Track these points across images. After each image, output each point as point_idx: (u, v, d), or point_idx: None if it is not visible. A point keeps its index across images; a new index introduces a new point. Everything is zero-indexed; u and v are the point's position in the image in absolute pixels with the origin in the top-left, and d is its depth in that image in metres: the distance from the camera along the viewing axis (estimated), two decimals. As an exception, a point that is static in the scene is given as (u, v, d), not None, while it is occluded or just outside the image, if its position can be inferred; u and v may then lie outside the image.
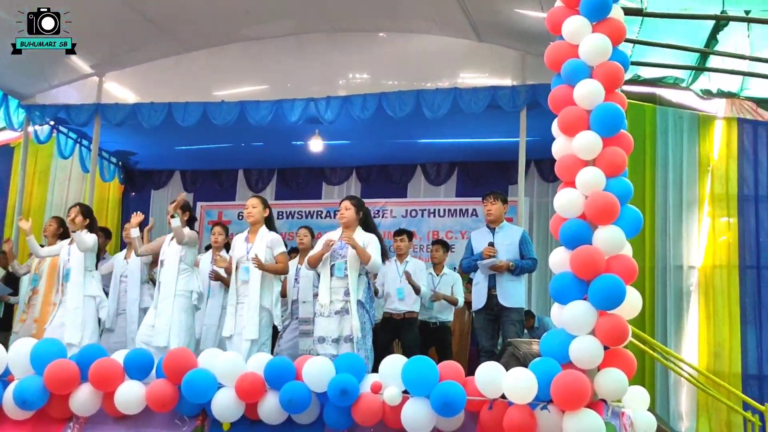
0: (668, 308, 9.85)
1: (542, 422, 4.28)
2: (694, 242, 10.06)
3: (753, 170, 10.06)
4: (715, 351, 9.78)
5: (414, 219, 12.63)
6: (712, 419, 9.57)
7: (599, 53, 4.73)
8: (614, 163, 4.61)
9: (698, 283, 9.99)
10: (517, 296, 7.28)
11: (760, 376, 9.71)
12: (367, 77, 10.11)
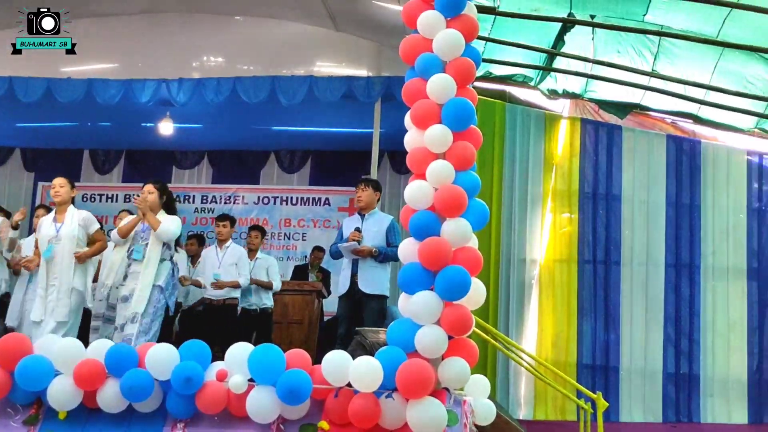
0: (511, 300, 10.20)
1: (386, 410, 4.34)
2: (537, 237, 10.47)
3: (593, 169, 10.57)
4: (554, 341, 10.23)
5: (266, 206, 12.55)
6: (549, 406, 10.01)
7: (452, 48, 4.83)
8: (464, 157, 4.72)
9: (539, 276, 10.40)
10: (379, 283, 7.31)
11: (594, 366, 10.24)
12: (221, 60, 9.96)
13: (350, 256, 7.31)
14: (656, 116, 10.92)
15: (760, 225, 10.71)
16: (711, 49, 9.02)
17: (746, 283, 10.57)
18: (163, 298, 6.66)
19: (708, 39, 8.76)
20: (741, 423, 10.31)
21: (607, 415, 8.90)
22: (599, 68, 9.96)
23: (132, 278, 6.68)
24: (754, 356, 10.43)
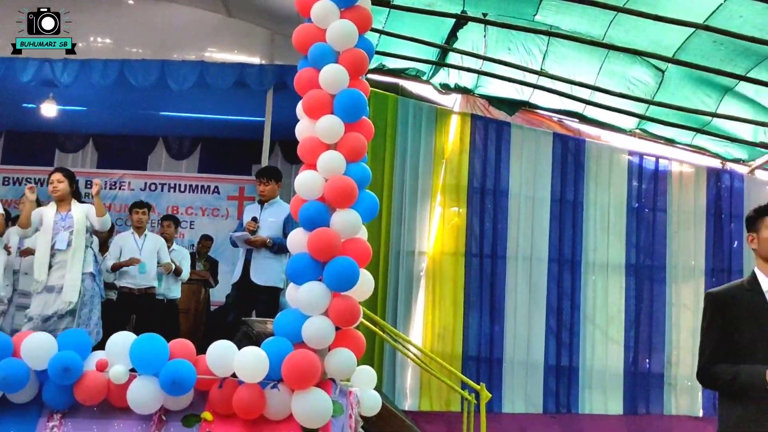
0: (399, 292, 10.31)
1: (271, 401, 4.32)
2: (426, 230, 10.60)
3: (482, 164, 10.78)
4: (440, 333, 10.39)
5: (153, 193, 12.26)
6: (434, 397, 10.18)
7: (346, 39, 4.83)
8: (355, 149, 4.73)
9: (428, 269, 10.55)
10: (271, 274, 7.26)
11: (479, 358, 10.46)
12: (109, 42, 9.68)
13: (244, 246, 7.25)
14: (544, 114, 11.23)
15: (639, 222, 11.16)
16: (597, 50, 9.33)
17: (624, 279, 11.01)
18: (95, 285, 6.46)
19: (594, 41, 9.06)
20: (617, 413, 10.74)
21: (490, 405, 9.12)
22: (490, 65, 10.16)
23: (58, 268, 6.43)
24: (630, 349, 10.87)
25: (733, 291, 3.60)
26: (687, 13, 8.18)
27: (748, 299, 3.50)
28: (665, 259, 11.13)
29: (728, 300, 3.54)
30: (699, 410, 10.93)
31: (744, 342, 3.43)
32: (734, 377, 3.37)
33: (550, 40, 9.44)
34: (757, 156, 11.21)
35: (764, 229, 3.56)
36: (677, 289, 11.12)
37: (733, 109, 9.90)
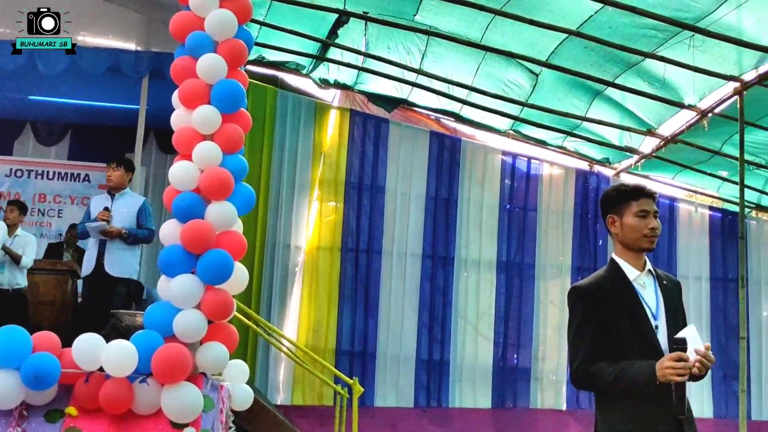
0: (274, 286, 10.29)
1: (140, 395, 4.24)
2: (302, 224, 10.61)
3: (360, 160, 10.87)
4: (314, 328, 10.43)
5: (19, 179, 11.74)
6: (306, 392, 10.20)
7: (225, 29, 4.78)
8: (232, 140, 4.69)
9: (303, 263, 10.55)
10: (126, 266, 7.17)
11: (352, 352, 10.54)
12: (-27, 22, 9.18)
13: (98, 237, 7.07)
14: (422, 112, 11.41)
15: (510, 221, 11.50)
16: (474, 52, 9.54)
17: (495, 275, 11.31)
18: None
19: (472, 42, 9.25)
20: (485, 407, 11.03)
21: (363, 400, 9.22)
22: (370, 62, 10.24)
23: None
24: (499, 344, 11.20)
25: (601, 284, 3.34)
26: (561, 19, 8.47)
27: (617, 291, 3.29)
28: (534, 257, 11.52)
29: (598, 294, 3.30)
30: (563, 404, 11.36)
31: (621, 337, 3.21)
32: (618, 376, 3.12)
33: (429, 40, 9.59)
34: (622, 159, 11.72)
35: (629, 215, 3.33)
36: (545, 286, 11.52)
37: (601, 113, 10.32)
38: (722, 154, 10.46)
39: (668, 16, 7.85)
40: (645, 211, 3.32)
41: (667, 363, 3.00)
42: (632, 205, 3.34)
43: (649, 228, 3.31)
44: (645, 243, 3.33)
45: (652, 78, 9.19)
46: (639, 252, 3.37)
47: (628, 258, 3.37)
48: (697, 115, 9.73)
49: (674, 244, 12.01)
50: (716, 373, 11.70)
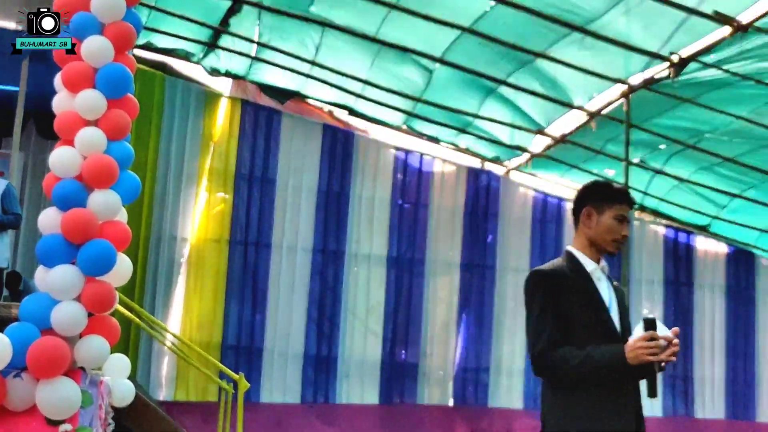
0: (159, 278, 10.12)
1: (13, 391, 4.10)
2: (189, 215, 10.45)
3: (251, 151, 10.79)
4: (200, 322, 10.30)
5: None
6: (190, 387, 10.06)
7: (112, 11, 4.66)
8: (117, 127, 4.59)
9: (190, 255, 10.41)
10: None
11: (239, 347, 10.46)
12: None
13: None
14: (315, 105, 11.39)
15: (402, 217, 11.61)
16: (370, 46, 9.58)
17: (386, 271, 11.41)
18: None
19: (367, 36, 9.29)
20: (372, 403, 11.12)
21: (249, 395, 9.14)
22: (264, 52, 10.15)
23: None
24: (388, 340, 11.30)
25: (562, 272, 3.30)
26: (456, 16, 8.59)
27: (576, 280, 3.27)
28: (425, 253, 11.67)
29: (559, 281, 3.25)
30: (449, 400, 11.56)
31: (580, 324, 3.18)
32: (584, 360, 3.06)
33: (324, 32, 9.57)
34: (512, 157, 12.00)
35: (608, 215, 3.32)
36: (434, 282, 11.69)
37: (493, 111, 10.53)
38: (608, 154, 10.83)
39: (560, 16, 8.07)
40: (623, 217, 3.34)
41: (640, 343, 3.00)
42: (614, 207, 3.33)
43: (622, 235, 3.34)
44: (612, 247, 3.35)
45: (543, 77, 9.43)
46: (601, 252, 3.38)
47: (588, 253, 3.36)
48: (585, 116, 10.05)
49: (561, 242, 12.36)
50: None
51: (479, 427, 11.56)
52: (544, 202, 12.43)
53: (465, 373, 11.65)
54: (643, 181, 11.61)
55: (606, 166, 11.42)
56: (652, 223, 12.94)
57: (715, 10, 7.31)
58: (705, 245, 13.08)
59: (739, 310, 12.87)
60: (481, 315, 11.83)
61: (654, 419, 11.90)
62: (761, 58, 7.81)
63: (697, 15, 7.46)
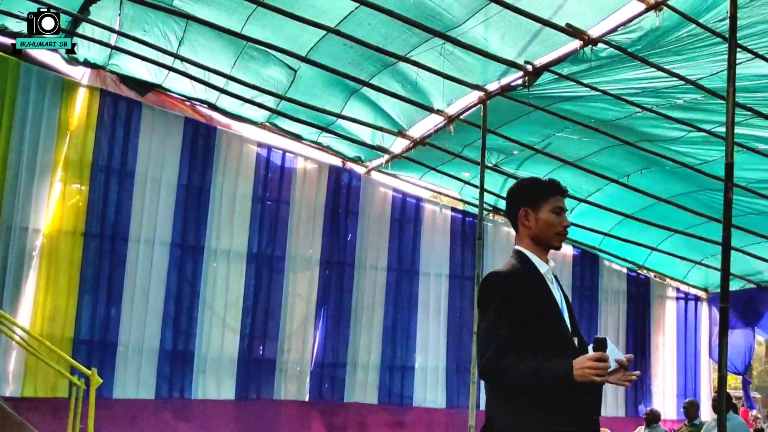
0: (8, 270, 9.88)
1: None
2: (42, 206, 10.21)
3: (109, 142, 10.65)
4: (51, 316, 10.09)
5: None
6: (39, 383, 9.84)
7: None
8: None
9: (42, 247, 10.16)
10: None
11: (92, 342, 10.29)
12: None
13: None
14: (177, 97, 11.30)
15: (263, 213, 11.70)
16: (234, 42, 9.59)
17: (245, 267, 11.47)
18: None
19: (232, 31, 9.30)
20: (229, 398, 11.15)
21: (101, 391, 9.00)
22: (125, 42, 10.00)
23: None
24: (246, 336, 11.37)
25: (518, 274, 3.25)
26: (321, 15, 8.72)
27: (532, 283, 3.23)
28: (285, 249, 11.80)
29: (516, 284, 3.19)
30: (305, 395, 11.73)
31: (536, 329, 3.14)
32: (535, 371, 3.01)
33: (187, 26, 9.52)
34: (373, 158, 12.28)
35: (545, 210, 3.31)
36: (294, 278, 11.85)
37: (356, 111, 10.76)
38: (465, 158, 11.28)
39: (423, 21, 8.33)
40: (560, 208, 3.33)
41: (588, 363, 2.95)
42: (549, 201, 3.32)
43: (563, 226, 3.33)
44: (556, 241, 3.35)
45: (405, 80, 9.72)
46: (547, 248, 3.36)
47: (538, 253, 3.33)
48: (444, 120, 10.43)
49: (418, 242, 12.76)
50: (450, 365, 12.59)
51: (334, 422, 11.79)
52: (403, 201, 12.79)
53: (322, 369, 11.85)
54: (497, 184, 12.12)
55: (463, 168, 11.87)
56: (505, 225, 13.51)
57: (567, 23, 7.75)
58: (553, 247, 13.76)
59: (584, 308, 13.63)
60: (340, 311, 12.07)
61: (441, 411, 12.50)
62: (608, 69, 8.33)
63: (551, 27, 7.89)
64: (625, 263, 14.28)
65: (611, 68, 8.31)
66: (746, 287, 14.13)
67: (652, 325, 14.49)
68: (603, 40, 7.86)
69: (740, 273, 13.69)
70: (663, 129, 9.50)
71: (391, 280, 12.55)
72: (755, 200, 10.72)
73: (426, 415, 12.39)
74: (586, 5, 7.56)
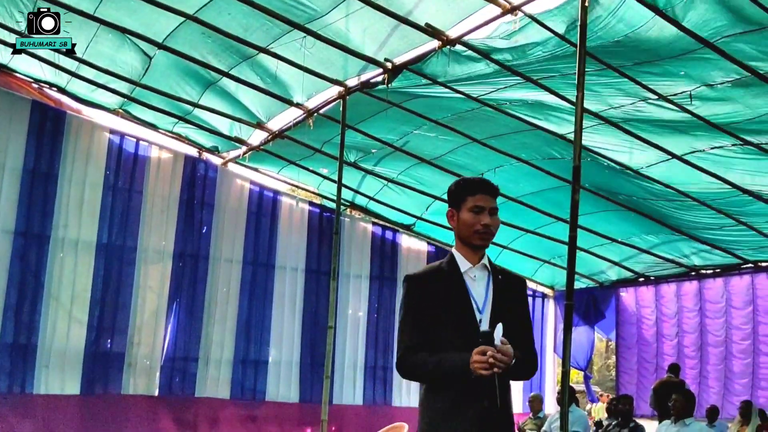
0: None
1: None
2: None
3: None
4: None
5: None
6: None
7: None
8: None
9: None
10: None
11: None
12: None
13: None
14: (24, 79, 10.82)
15: (114, 202, 11.39)
16: (86, 23, 9.23)
17: (94, 257, 11.13)
18: None
19: (85, 12, 8.97)
20: (74, 393, 10.80)
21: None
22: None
23: None
24: (93, 329, 11.05)
25: (431, 274, 3.41)
26: (181, 2, 8.54)
27: (445, 282, 3.33)
28: (137, 240, 11.53)
29: (425, 283, 3.36)
30: (155, 390, 11.51)
31: (441, 327, 3.27)
32: (435, 367, 3.20)
33: (36, 4, 9.12)
34: (231, 149, 12.15)
35: (465, 210, 3.35)
36: (146, 270, 11.60)
37: (214, 101, 10.61)
38: (323, 153, 11.36)
39: (284, 13, 8.30)
40: (480, 207, 3.34)
41: (474, 357, 3.06)
42: (468, 201, 3.35)
43: (482, 224, 3.33)
44: (476, 239, 3.36)
45: (265, 72, 9.67)
46: (473, 248, 3.39)
47: (463, 252, 3.39)
48: (303, 114, 10.46)
49: (275, 236, 12.74)
50: (304, 360, 12.64)
51: (185, 417, 11.62)
52: (260, 194, 12.75)
53: (173, 363, 11.66)
54: (355, 180, 12.26)
55: (322, 164, 11.93)
56: (362, 221, 13.68)
57: (427, 22, 7.92)
58: (408, 243, 14.06)
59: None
60: (193, 304, 11.91)
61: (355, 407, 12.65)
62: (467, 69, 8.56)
63: (411, 26, 8.05)
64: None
65: (468, 67, 8.55)
66: (590, 286, 14.85)
67: (500, 322, 14.95)
68: (462, 41, 8.08)
69: (586, 272, 14.38)
70: (511, 127, 9.84)
71: (247, 274, 12.47)
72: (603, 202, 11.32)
73: (279, 410, 12.39)
74: (445, 5, 7.74)
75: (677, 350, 13.52)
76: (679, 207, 11.07)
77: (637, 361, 14.22)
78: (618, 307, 14.76)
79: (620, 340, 14.72)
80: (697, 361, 13.19)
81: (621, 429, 8.90)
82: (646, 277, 14.24)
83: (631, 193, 11.05)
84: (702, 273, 13.43)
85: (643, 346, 14.18)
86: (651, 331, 14.11)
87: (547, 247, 13.63)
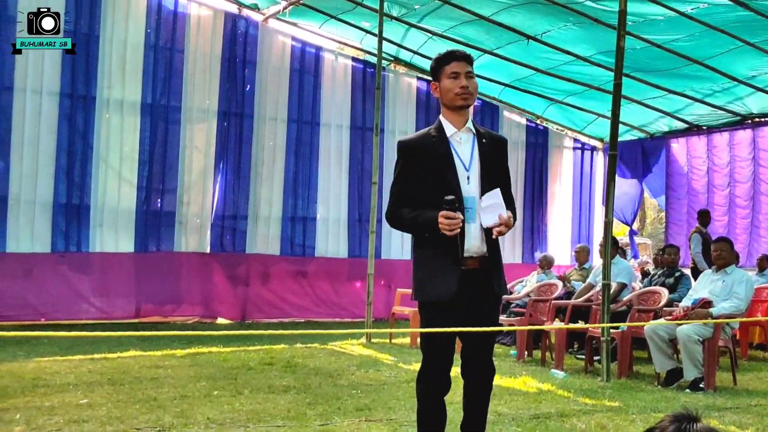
0: None
1: None
2: None
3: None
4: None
5: None
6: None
7: None
8: None
9: None
10: None
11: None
12: None
13: None
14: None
15: (156, 62, 11.39)
16: None
17: (140, 118, 11.24)
18: None
19: None
20: (128, 251, 11.17)
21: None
22: None
23: None
24: (143, 189, 11.27)
25: (420, 138, 3.76)
26: None
27: (433, 145, 3.66)
28: (181, 100, 11.59)
29: (416, 147, 3.70)
30: (206, 247, 11.85)
31: (426, 185, 3.61)
32: (412, 220, 3.62)
33: None
34: (270, 5, 12.00)
35: (444, 78, 3.66)
36: (191, 130, 11.73)
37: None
38: (364, 5, 11.13)
39: None
40: (456, 73, 3.65)
41: (440, 219, 3.44)
42: (445, 69, 3.67)
43: (460, 87, 3.63)
44: (458, 101, 3.66)
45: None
46: (457, 110, 3.70)
47: (450, 117, 3.71)
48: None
49: (319, 92, 12.72)
50: (352, 216, 12.85)
51: (237, 273, 12.00)
52: (302, 51, 12.64)
53: (223, 221, 11.94)
54: (398, 34, 12.07)
55: (364, 18, 11.74)
56: (406, 76, 13.56)
57: None
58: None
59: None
60: (239, 164, 12.08)
61: (402, 261, 12.85)
62: None
63: None
64: (524, 114, 14.63)
65: None
66: (640, 137, 14.68)
67: (549, 174, 15.00)
68: None
69: (636, 124, 14.19)
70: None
71: (292, 132, 12.56)
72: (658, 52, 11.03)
73: (328, 265, 12.72)
74: None
75: (728, 200, 13.43)
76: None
77: (687, 212, 14.17)
78: (668, 158, 14.59)
79: (670, 191, 14.62)
80: (749, 210, 13.11)
81: (666, 278, 8.98)
82: (698, 127, 14.00)
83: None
84: (757, 121, 13.15)
85: (693, 197, 14.09)
86: (702, 181, 13.99)
87: (604, 102, 13.41)
